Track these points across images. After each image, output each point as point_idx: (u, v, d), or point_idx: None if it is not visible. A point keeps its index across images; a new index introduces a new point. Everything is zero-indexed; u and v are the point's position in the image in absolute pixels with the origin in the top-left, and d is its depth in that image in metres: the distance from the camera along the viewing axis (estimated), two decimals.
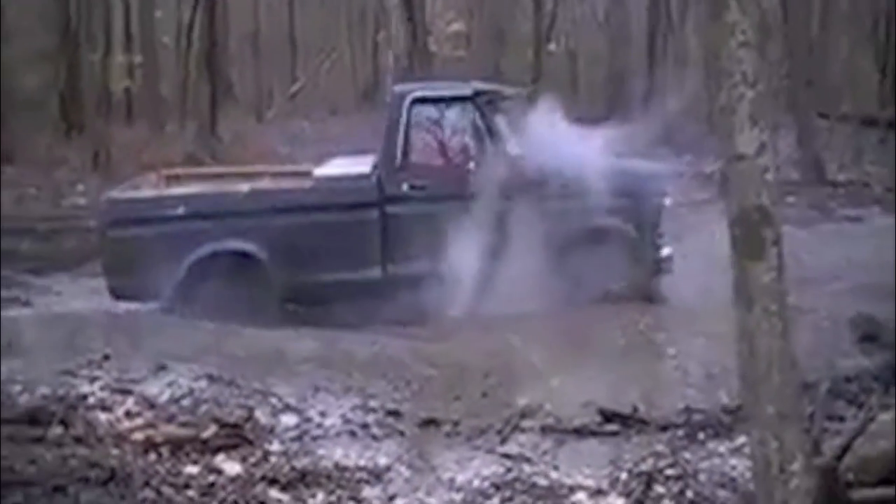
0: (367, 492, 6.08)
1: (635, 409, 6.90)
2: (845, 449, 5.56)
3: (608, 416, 6.90)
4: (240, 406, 6.99)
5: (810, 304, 8.15)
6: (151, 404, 7.04)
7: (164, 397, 7.12)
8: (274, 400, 7.11)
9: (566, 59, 23.18)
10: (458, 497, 6.00)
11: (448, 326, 8.94)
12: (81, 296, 10.91)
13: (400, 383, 7.47)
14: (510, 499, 5.97)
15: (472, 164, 9.71)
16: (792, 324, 4.30)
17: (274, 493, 6.01)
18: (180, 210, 9.57)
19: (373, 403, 7.12)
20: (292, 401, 7.10)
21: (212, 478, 6.13)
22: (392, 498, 6.05)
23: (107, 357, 7.91)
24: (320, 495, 6.01)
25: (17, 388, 7.26)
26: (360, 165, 10.11)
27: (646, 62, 18.96)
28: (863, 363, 7.49)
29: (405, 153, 9.82)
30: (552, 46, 22.15)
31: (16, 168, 17.31)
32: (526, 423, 6.85)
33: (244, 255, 9.47)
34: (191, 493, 5.95)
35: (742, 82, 4.24)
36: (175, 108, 20.96)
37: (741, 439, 6.35)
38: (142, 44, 20.68)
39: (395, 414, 7.00)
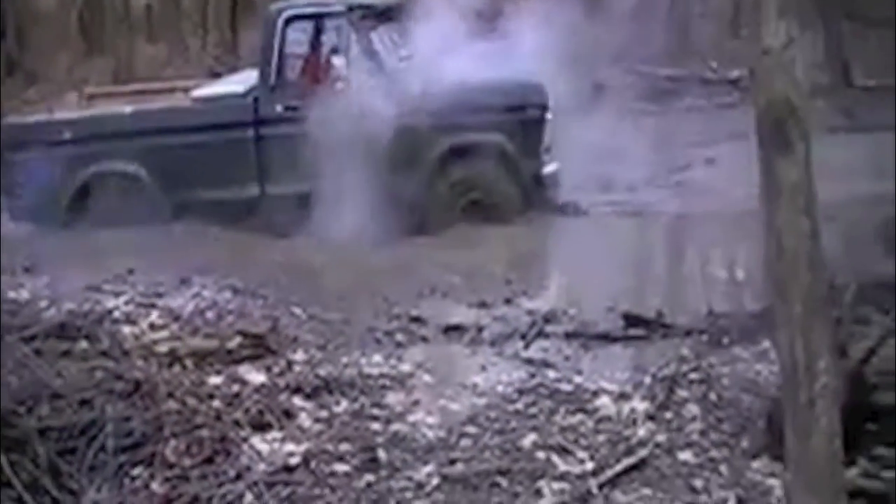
0: None
1: None
2: (871, 353, 5.51)
3: None
4: None
5: (837, 209, 8.03)
6: None
7: None
8: None
9: None
10: None
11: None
12: None
13: None
14: None
15: (343, 84, 9.60)
16: (820, 224, 4.21)
17: None
18: (66, 134, 9.96)
19: None
20: None
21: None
22: None
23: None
24: None
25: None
26: (238, 84, 10.18)
27: None
28: (890, 269, 7.40)
29: (279, 73, 9.81)
30: None
31: (38, 88, 17.27)
32: None
33: (128, 176, 9.81)
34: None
35: None
36: (196, 23, 20.77)
37: None
38: None
39: None
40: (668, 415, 5.83)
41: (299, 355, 6.61)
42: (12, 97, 16.70)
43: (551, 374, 6.32)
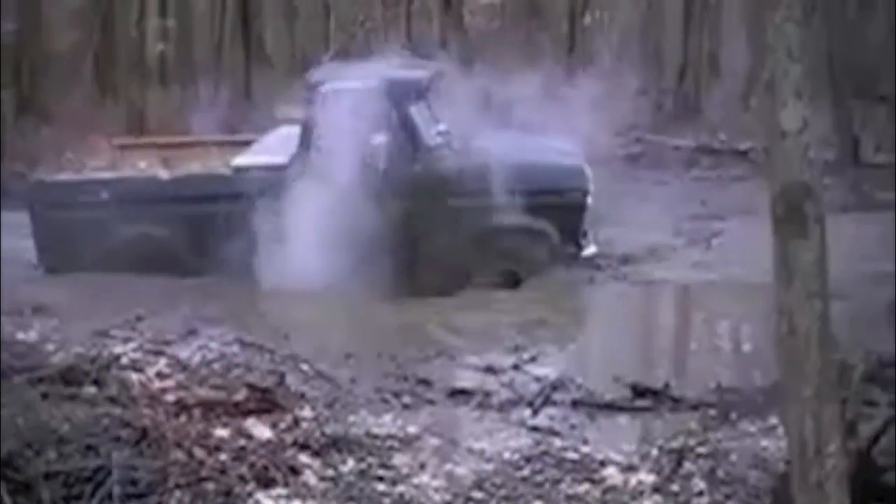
0: None
1: None
2: (880, 433, 5.53)
3: None
4: None
5: (846, 288, 8.08)
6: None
7: None
8: None
9: (601, 31, 22.98)
10: None
11: None
12: None
13: None
14: None
15: (383, 162, 9.58)
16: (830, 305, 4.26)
17: None
18: (103, 195, 9.88)
19: None
20: None
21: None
22: None
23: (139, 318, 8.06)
24: None
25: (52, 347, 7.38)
26: (278, 154, 10.05)
27: (681, 37, 18.77)
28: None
29: (319, 146, 9.74)
30: (587, 19, 21.97)
31: (52, 129, 17.34)
32: None
33: (160, 241, 9.78)
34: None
35: (787, 57, 4.20)
36: (209, 73, 20.92)
37: None
38: (176, 7, 20.63)
39: None
40: (675, 487, 5.84)
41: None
42: (26, 137, 16.81)
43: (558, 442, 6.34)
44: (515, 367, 7.53)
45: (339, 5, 24.54)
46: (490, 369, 7.51)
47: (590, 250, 9.80)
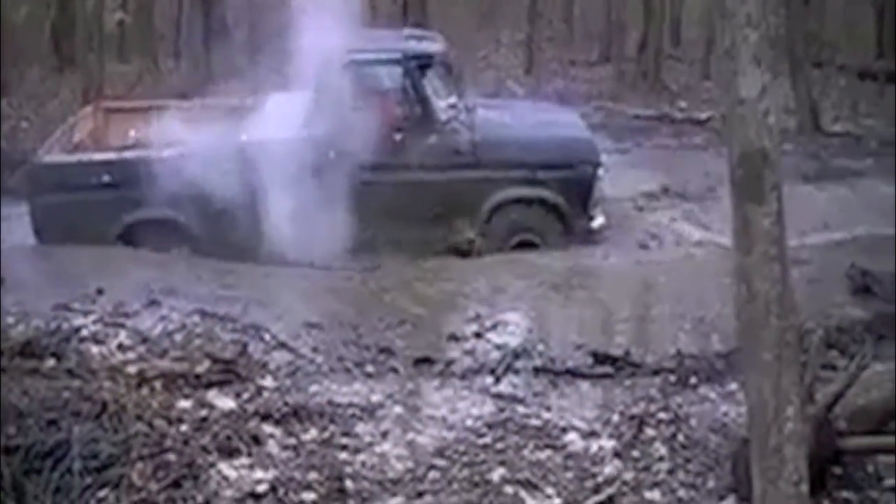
0: None
1: None
2: (837, 398, 5.60)
3: None
4: None
5: (805, 254, 8.16)
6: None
7: None
8: None
9: (563, 1, 22.95)
10: None
11: None
12: None
13: None
14: None
15: (398, 134, 9.54)
16: (789, 270, 4.29)
17: None
18: (105, 178, 9.58)
19: None
20: None
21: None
22: None
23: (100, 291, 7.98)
24: None
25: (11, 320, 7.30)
26: (286, 128, 9.82)
27: (642, 6, 18.79)
28: (856, 314, 7.52)
29: (332, 118, 9.60)
30: None
31: (8, 100, 17.15)
32: None
33: (169, 222, 9.45)
34: None
35: (746, 24, 4.21)
36: (169, 43, 20.72)
37: None
38: None
39: None
40: (636, 453, 5.89)
41: None
42: None
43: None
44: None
45: None
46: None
47: (598, 221, 9.83)
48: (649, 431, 6.12)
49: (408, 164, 9.48)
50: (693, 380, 6.61)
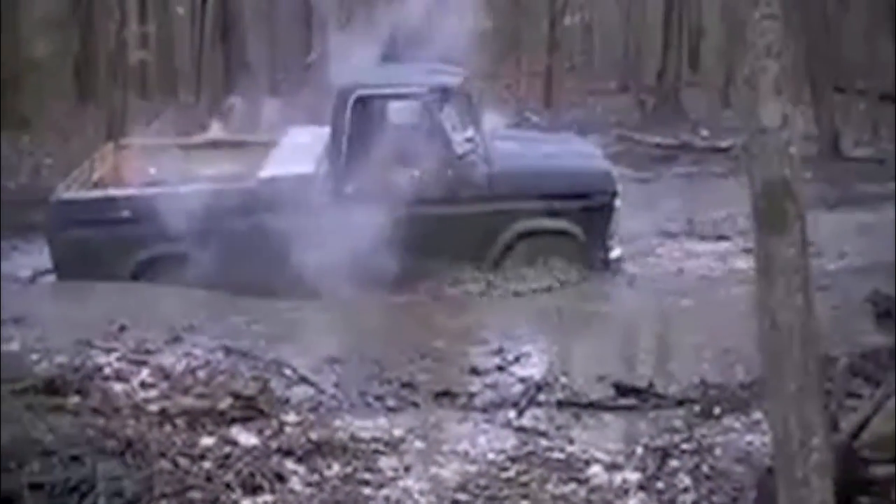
0: None
1: None
2: (862, 426, 5.54)
3: None
4: None
5: (826, 280, 8.12)
6: None
7: None
8: None
9: (582, 31, 23.04)
10: None
11: None
12: None
13: None
14: None
15: (416, 168, 9.58)
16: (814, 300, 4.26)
17: None
18: (123, 214, 9.65)
19: None
20: None
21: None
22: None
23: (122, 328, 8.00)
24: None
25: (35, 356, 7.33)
26: (304, 163, 9.87)
27: (661, 35, 18.83)
28: (879, 340, 7.46)
29: (350, 153, 9.63)
30: (567, 20, 22.01)
31: (31, 136, 17.30)
32: None
33: (186, 258, 9.41)
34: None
35: (765, 54, 4.19)
36: (189, 79, 20.89)
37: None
38: (156, 14, 20.63)
39: None
40: (660, 485, 5.84)
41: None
42: (5, 144, 16.73)
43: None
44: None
45: (320, 8, 24.51)
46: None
47: (616, 252, 9.82)
48: (673, 463, 6.07)
49: (425, 199, 9.48)
50: (717, 410, 6.57)
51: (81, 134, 17.59)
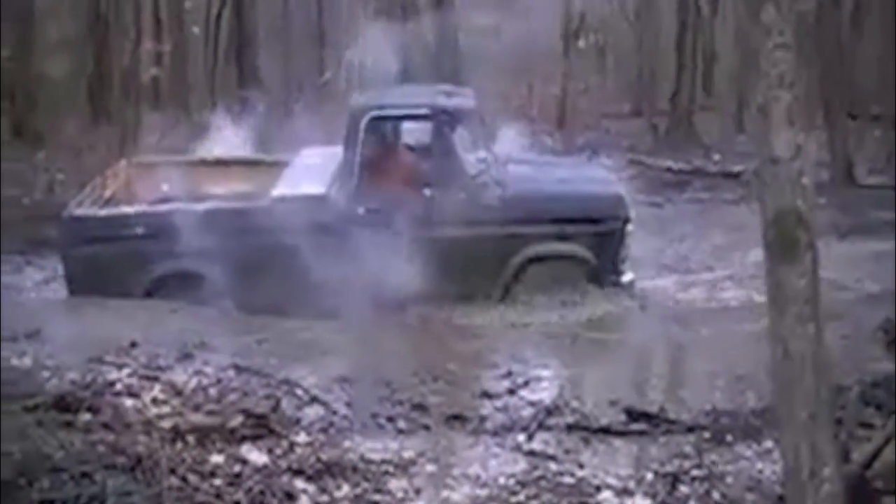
0: None
1: None
2: (874, 456, 5.53)
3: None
4: None
5: (838, 308, 8.10)
6: None
7: None
8: None
9: (595, 55, 23.06)
10: None
11: None
12: None
13: None
14: None
15: (428, 190, 9.61)
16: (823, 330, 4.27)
17: None
18: (137, 230, 9.66)
19: None
20: None
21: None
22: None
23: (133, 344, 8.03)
24: None
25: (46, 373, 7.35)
26: (317, 183, 9.88)
27: (674, 59, 18.87)
28: (891, 369, 7.44)
29: (362, 174, 9.66)
30: (581, 43, 22.05)
31: (45, 152, 17.38)
32: None
33: (198, 276, 9.49)
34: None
35: (778, 84, 4.20)
36: (203, 97, 20.96)
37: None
38: (171, 32, 20.69)
39: None
40: None
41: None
42: (20, 160, 16.83)
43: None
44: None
45: (333, 29, 24.61)
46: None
47: (628, 276, 9.82)
48: (684, 489, 6.07)
49: (437, 220, 9.51)
50: (728, 437, 6.56)
51: (94, 151, 17.67)
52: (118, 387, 7.25)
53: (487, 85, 15.02)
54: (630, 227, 9.77)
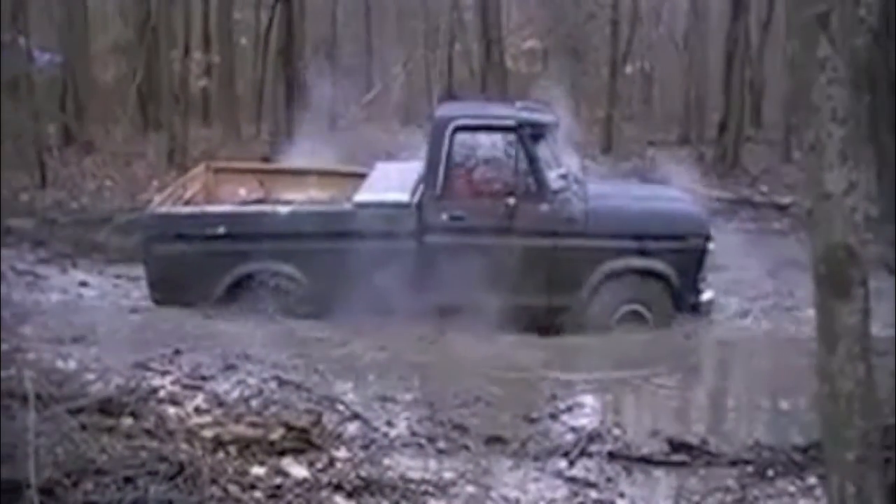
0: None
1: None
2: None
3: None
4: None
5: (886, 345, 8.02)
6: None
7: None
8: None
9: (642, 81, 23.04)
10: None
11: None
12: None
13: None
14: None
15: (512, 199, 9.66)
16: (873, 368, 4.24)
17: None
18: (220, 229, 9.77)
19: None
20: None
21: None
22: None
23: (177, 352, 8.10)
24: None
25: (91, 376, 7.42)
26: (400, 191, 10.00)
27: (722, 87, 18.80)
28: None
29: (446, 182, 9.78)
30: (628, 68, 22.04)
31: (94, 158, 17.59)
32: None
33: (282, 276, 9.65)
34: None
35: (831, 119, 4.18)
36: (251, 109, 21.14)
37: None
38: (220, 44, 20.88)
39: None
40: None
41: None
42: (70, 165, 17.05)
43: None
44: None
45: (381, 47, 24.76)
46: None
47: (707, 295, 9.84)
48: None
49: (519, 230, 9.61)
50: (771, 472, 6.51)
51: (142, 158, 17.88)
52: (161, 394, 7.31)
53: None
54: (711, 246, 9.78)
